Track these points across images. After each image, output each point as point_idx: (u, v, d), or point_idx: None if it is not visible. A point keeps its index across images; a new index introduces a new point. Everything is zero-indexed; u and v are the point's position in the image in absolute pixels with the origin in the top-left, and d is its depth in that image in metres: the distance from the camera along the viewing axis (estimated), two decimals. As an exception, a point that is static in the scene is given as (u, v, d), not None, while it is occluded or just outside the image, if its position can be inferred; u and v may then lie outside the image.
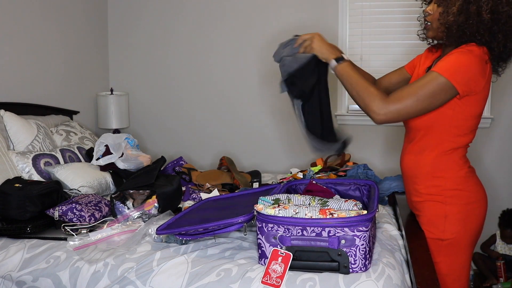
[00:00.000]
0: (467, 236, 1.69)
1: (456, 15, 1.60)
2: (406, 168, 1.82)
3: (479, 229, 1.73)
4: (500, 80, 3.11)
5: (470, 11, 1.58)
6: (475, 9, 1.57)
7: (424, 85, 1.57)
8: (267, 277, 1.43)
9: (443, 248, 1.69)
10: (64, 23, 3.19)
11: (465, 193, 1.70)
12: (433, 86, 1.56)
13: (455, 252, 1.69)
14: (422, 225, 1.76)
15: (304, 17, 3.35)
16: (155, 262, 1.60)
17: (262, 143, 3.53)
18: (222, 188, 2.50)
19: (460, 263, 1.71)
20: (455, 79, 1.55)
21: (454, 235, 1.67)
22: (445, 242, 1.68)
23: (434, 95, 1.57)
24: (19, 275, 1.69)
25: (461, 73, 1.56)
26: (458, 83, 1.56)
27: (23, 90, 2.84)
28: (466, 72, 1.56)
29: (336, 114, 3.36)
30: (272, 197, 1.62)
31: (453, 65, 1.56)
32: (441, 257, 1.69)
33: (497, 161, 3.19)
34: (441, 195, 1.70)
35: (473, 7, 1.57)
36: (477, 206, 1.72)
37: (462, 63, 1.56)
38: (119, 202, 2.04)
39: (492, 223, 3.21)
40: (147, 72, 3.69)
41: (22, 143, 2.44)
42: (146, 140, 3.74)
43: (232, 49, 3.51)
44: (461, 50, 1.59)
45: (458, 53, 1.58)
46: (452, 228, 1.67)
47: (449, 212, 1.68)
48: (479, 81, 1.59)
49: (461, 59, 1.56)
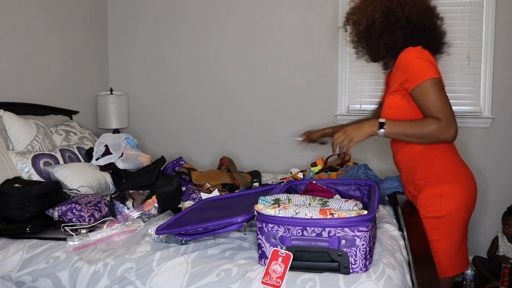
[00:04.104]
0: (461, 212, 1.84)
1: (371, 36, 1.89)
2: (400, 161, 1.98)
3: (472, 205, 1.88)
4: (500, 80, 3.12)
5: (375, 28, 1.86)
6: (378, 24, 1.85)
7: (432, 97, 1.72)
8: (267, 277, 1.42)
9: (440, 225, 1.83)
10: (64, 23, 3.19)
11: (456, 172, 1.86)
12: (434, 90, 1.72)
13: (451, 228, 1.83)
14: (420, 206, 1.89)
15: (304, 17, 3.35)
16: (155, 262, 1.60)
17: (262, 143, 3.53)
18: (222, 188, 2.49)
19: (456, 238, 1.85)
20: (430, 73, 1.73)
21: (450, 211, 1.81)
22: (442, 219, 1.82)
23: (441, 93, 1.73)
24: (18, 276, 1.68)
25: (425, 66, 1.74)
26: (433, 73, 1.74)
27: (23, 90, 2.84)
28: (425, 62, 1.75)
29: (336, 114, 3.36)
30: (272, 197, 1.61)
31: (416, 66, 1.75)
32: (439, 234, 1.83)
33: (497, 161, 3.18)
34: (435, 178, 1.85)
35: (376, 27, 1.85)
36: (468, 184, 1.86)
37: (416, 60, 1.76)
38: (118, 202, 2.04)
39: (493, 224, 3.21)
40: (147, 72, 3.68)
41: (21, 143, 2.44)
42: (146, 140, 3.74)
43: (232, 49, 3.51)
44: (404, 55, 1.79)
45: (406, 59, 1.78)
46: (448, 205, 1.82)
47: (443, 191, 1.82)
48: (435, 65, 1.78)
49: (413, 59, 1.76)
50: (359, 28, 1.91)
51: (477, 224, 3.25)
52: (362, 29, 1.89)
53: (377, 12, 1.84)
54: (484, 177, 3.19)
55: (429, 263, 1.53)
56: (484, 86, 3.14)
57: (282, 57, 3.41)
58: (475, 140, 3.18)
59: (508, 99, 3.13)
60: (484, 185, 3.19)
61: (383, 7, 1.84)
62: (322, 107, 3.39)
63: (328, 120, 3.38)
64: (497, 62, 3.10)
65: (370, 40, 1.90)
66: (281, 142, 3.47)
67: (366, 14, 1.87)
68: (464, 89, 3.19)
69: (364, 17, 1.88)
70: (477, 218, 3.24)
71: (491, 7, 3.04)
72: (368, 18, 1.87)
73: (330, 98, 3.38)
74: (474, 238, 3.21)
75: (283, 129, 3.48)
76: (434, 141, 1.76)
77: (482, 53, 3.12)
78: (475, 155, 3.18)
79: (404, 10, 1.83)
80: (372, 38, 1.89)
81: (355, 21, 1.93)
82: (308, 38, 3.35)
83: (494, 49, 3.09)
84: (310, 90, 3.40)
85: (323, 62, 3.35)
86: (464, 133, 3.17)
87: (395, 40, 1.84)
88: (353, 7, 1.99)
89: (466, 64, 3.16)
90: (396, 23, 1.83)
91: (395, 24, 1.83)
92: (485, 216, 3.23)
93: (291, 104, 3.45)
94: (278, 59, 3.43)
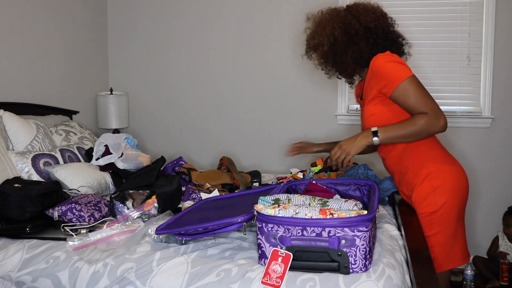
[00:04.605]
0: (455, 205, 1.88)
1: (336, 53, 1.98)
2: (390, 165, 2.05)
3: (465, 195, 1.93)
4: (500, 80, 3.12)
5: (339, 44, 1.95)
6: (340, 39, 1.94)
7: (413, 95, 1.79)
8: (267, 277, 1.42)
9: (436, 220, 1.87)
10: (64, 23, 3.19)
11: (444, 165, 1.91)
12: (414, 88, 1.79)
13: (447, 220, 1.87)
14: (415, 204, 1.93)
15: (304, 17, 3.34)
16: (155, 262, 1.60)
17: (262, 143, 3.53)
18: (222, 188, 2.49)
19: (453, 232, 1.89)
20: (405, 72, 1.80)
21: (445, 204, 1.86)
22: (437, 213, 1.87)
23: (421, 89, 1.81)
24: (18, 276, 1.68)
25: (398, 67, 1.81)
26: (408, 71, 1.81)
27: (23, 90, 2.84)
28: (397, 63, 1.82)
29: (336, 114, 3.36)
30: (272, 197, 1.61)
31: (390, 70, 1.81)
32: (436, 229, 1.87)
33: (497, 161, 3.18)
34: (426, 175, 1.89)
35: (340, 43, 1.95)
36: (458, 177, 1.91)
37: (388, 64, 1.82)
38: (118, 202, 2.04)
39: (493, 223, 3.21)
40: (147, 72, 3.68)
41: (21, 143, 2.44)
42: (146, 140, 3.74)
43: (232, 49, 3.51)
44: (375, 62, 1.85)
45: (378, 64, 1.84)
46: (441, 198, 1.86)
47: (436, 185, 1.87)
48: (405, 65, 1.86)
49: (384, 64, 1.82)
50: (323, 49, 1.99)
51: (477, 224, 3.24)
52: (326, 49, 1.98)
53: (336, 29, 1.94)
54: (484, 177, 3.19)
55: (427, 262, 1.53)
56: (484, 86, 3.14)
57: (282, 57, 3.41)
58: (475, 140, 3.18)
59: (508, 99, 3.13)
60: (484, 185, 3.19)
61: (340, 23, 1.94)
62: (322, 107, 3.39)
63: (328, 120, 3.39)
64: (497, 62, 3.10)
65: (336, 57, 1.99)
66: (281, 142, 3.47)
67: (326, 34, 1.96)
68: (464, 89, 3.19)
69: (325, 38, 1.96)
70: (477, 218, 3.24)
71: (491, 7, 3.04)
72: (329, 38, 1.95)
73: (330, 98, 3.38)
74: (474, 238, 3.21)
75: (283, 129, 3.48)
76: (428, 135, 1.83)
77: (482, 53, 3.12)
78: (475, 155, 3.18)
79: (360, 20, 1.93)
80: (338, 54, 1.97)
81: (317, 44, 2.01)
82: (308, 38, 3.35)
83: (494, 49, 3.09)
84: (310, 90, 3.40)
85: (323, 62, 3.35)
86: (464, 133, 3.17)
87: (360, 51, 1.93)
88: (310, 33, 2.09)
89: (466, 64, 3.16)
90: (357, 35, 1.92)
91: (356, 36, 1.92)
92: (485, 216, 3.23)
93: (291, 104, 3.45)
94: (278, 59, 3.43)
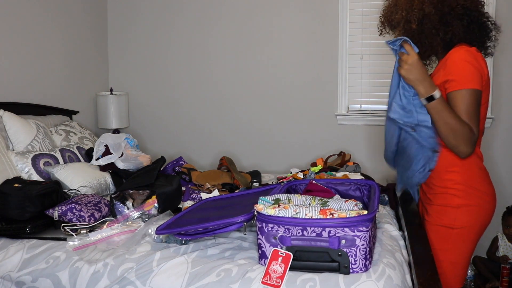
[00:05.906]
0: (476, 228, 1.74)
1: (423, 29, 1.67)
2: None
3: (488, 222, 1.78)
4: (500, 80, 3.11)
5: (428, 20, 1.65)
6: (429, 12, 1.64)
7: (467, 106, 1.60)
8: (267, 277, 1.42)
9: (452, 236, 1.74)
10: (64, 23, 3.19)
11: (477, 187, 1.74)
12: (471, 101, 1.60)
13: (463, 241, 1.74)
14: (433, 212, 1.79)
15: (304, 17, 3.35)
16: (155, 262, 1.60)
17: (262, 143, 3.53)
18: (222, 188, 2.49)
19: (466, 252, 1.76)
20: (475, 83, 1.60)
21: (465, 225, 1.72)
22: (455, 230, 1.73)
23: (477, 106, 1.61)
24: (18, 275, 1.68)
25: (472, 74, 1.60)
26: (477, 84, 1.60)
27: (23, 90, 2.84)
28: (475, 70, 1.60)
29: (336, 114, 3.36)
30: (272, 197, 1.61)
31: (463, 72, 1.60)
32: (449, 245, 1.74)
33: (497, 161, 3.18)
34: (454, 189, 1.73)
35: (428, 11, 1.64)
36: (488, 200, 1.76)
37: (466, 65, 1.61)
38: (118, 202, 2.04)
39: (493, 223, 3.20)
40: (147, 72, 3.68)
41: (21, 143, 2.44)
42: (146, 140, 3.74)
43: (232, 49, 3.51)
44: (454, 55, 1.63)
45: (455, 59, 1.62)
46: (463, 218, 1.72)
47: (461, 203, 1.72)
48: (483, 75, 1.64)
49: (463, 63, 1.61)
50: (410, 27, 1.67)
51: (477, 224, 3.24)
52: (414, 27, 1.66)
53: (426, 4, 1.63)
54: (484, 177, 3.19)
55: (430, 263, 1.53)
56: (484, 86, 3.14)
57: (282, 57, 3.41)
58: (475, 140, 3.18)
59: (508, 99, 3.13)
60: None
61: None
62: (322, 107, 3.39)
63: (328, 120, 3.38)
64: (497, 62, 3.10)
65: (422, 36, 1.67)
66: (281, 142, 3.47)
67: (414, 9, 1.65)
68: (464, 89, 3.19)
69: (414, 14, 1.65)
70: (477, 218, 3.24)
71: (491, 7, 3.04)
72: (418, 14, 1.64)
73: (330, 98, 3.38)
74: (474, 238, 3.21)
75: (283, 129, 3.48)
76: (453, 144, 1.61)
77: (482, 53, 3.12)
78: (475, 155, 3.18)
79: None
80: (425, 34, 1.67)
81: (401, 20, 1.69)
82: (308, 38, 3.35)
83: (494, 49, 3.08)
84: (310, 90, 3.40)
85: (323, 62, 3.35)
86: (464, 133, 3.17)
87: (453, 34, 1.64)
88: (388, 5, 1.77)
89: (466, 64, 3.14)
90: (451, 13, 1.62)
91: (450, 14, 1.62)
92: (485, 216, 3.23)
93: (291, 104, 3.45)
94: (278, 59, 3.43)
